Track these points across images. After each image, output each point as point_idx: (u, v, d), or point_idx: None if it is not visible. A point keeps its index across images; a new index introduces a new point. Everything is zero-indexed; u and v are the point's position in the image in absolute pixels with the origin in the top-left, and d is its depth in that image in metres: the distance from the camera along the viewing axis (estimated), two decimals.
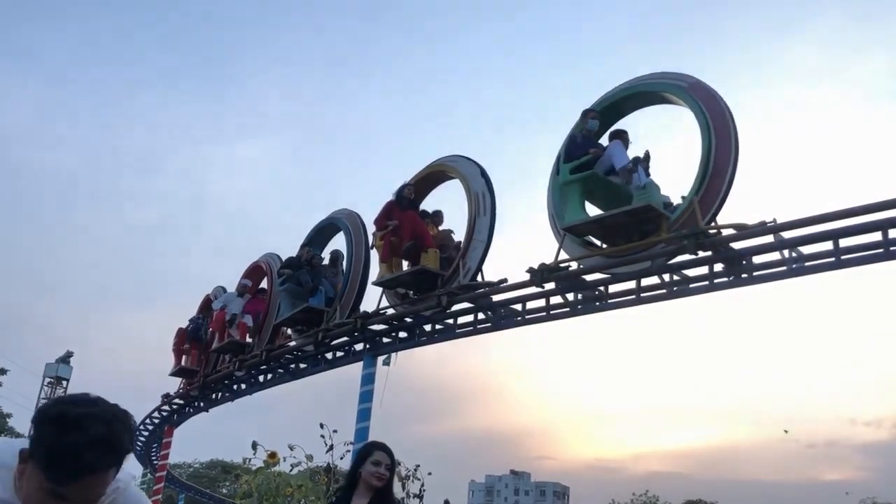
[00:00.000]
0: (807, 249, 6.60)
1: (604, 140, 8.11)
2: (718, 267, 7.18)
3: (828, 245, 6.45)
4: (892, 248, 6.14)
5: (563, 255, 7.68)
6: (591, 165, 7.73)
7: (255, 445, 9.77)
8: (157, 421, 16.71)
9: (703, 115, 7.20)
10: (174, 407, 15.41)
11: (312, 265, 10.86)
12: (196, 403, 14.60)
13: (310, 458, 9.68)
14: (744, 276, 7.05)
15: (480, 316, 8.51)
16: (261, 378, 12.25)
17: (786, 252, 6.62)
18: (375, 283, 9.12)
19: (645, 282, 7.57)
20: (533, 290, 7.94)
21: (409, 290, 9.06)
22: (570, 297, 7.90)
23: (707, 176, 7.03)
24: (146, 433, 18.72)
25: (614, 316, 8.05)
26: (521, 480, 76.03)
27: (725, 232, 6.83)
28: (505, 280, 7.91)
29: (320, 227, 11.36)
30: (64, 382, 38.16)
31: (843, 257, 6.39)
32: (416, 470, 11.78)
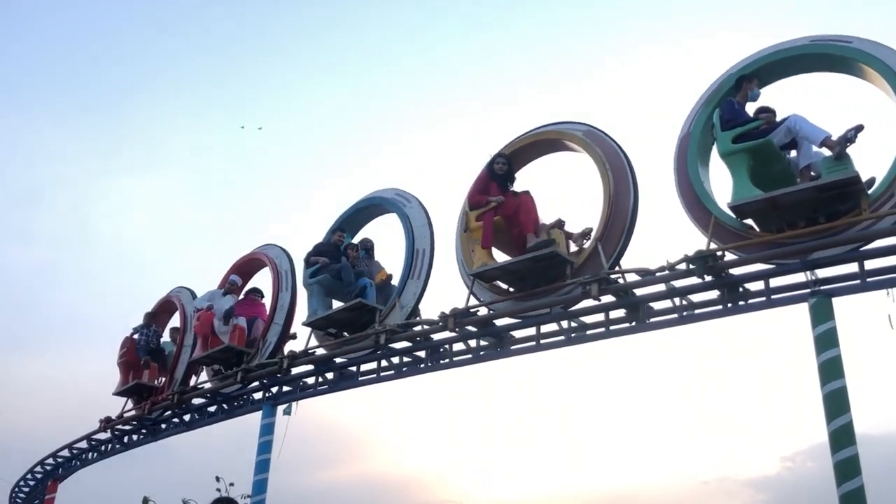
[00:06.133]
0: None
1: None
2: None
3: None
4: None
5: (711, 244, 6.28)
6: (762, 134, 6.42)
7: (146, 501, 8.77)
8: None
9: None
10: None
11: (349, 256, 8.82)
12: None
13: None
14: None
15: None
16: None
17: None
18: (472, 274, 7.24)
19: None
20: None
21: (513, 284, 7.28)
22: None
23: None
24: (31, 484, 15.32)
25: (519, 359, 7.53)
26: None
27: None
28: (671, 266, 6.34)
29: (358, 208, 9.31)
30: None
31: None
32: None
